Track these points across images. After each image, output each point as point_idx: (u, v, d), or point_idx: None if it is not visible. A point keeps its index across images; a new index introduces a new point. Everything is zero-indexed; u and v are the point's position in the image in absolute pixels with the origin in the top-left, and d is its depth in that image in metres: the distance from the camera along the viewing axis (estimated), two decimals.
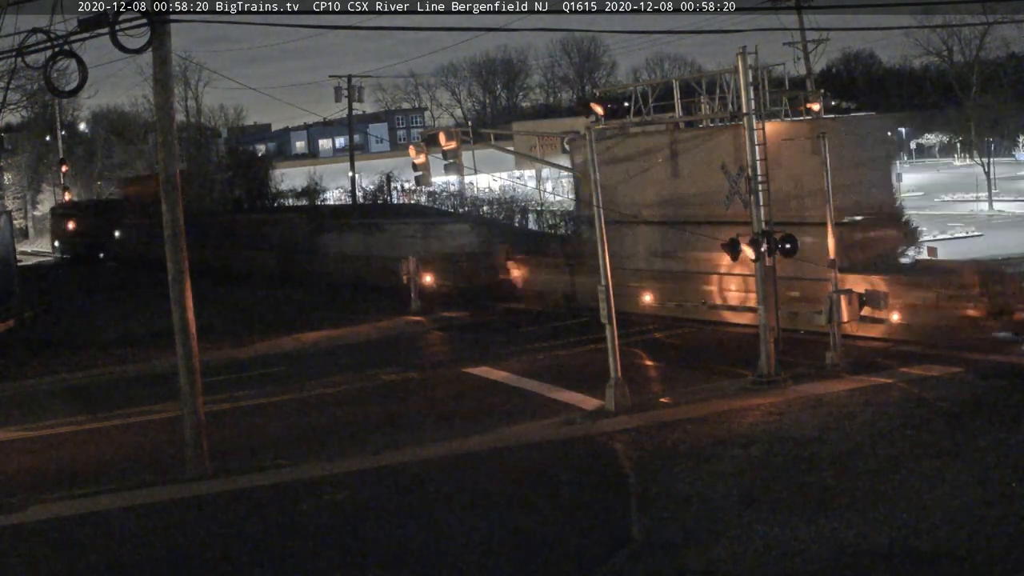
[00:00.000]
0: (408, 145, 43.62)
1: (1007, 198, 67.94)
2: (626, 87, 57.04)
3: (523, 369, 26.50)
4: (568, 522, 15.27)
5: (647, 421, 20.37)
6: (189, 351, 19.10)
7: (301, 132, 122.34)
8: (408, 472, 18.46)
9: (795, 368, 23.33)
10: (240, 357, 30.92)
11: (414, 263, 37.52)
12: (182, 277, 19.06)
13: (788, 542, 13.56)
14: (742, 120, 23.52)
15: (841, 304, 23.53)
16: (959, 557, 12.82)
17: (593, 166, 22.31)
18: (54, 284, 53.91)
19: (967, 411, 19.04)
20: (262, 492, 17.89)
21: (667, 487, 16.28)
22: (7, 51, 20.48)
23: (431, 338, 33.49)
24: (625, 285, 29.08)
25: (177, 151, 19.62)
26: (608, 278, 21.66)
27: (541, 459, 18.62)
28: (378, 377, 27.19)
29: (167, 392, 24.09)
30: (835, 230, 23.91)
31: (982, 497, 14.61)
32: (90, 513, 17.28)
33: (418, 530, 15.35)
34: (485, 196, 68.00)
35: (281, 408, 24.75)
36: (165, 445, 21.17)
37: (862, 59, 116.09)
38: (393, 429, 21.81)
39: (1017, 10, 66.85)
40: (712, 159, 26.85)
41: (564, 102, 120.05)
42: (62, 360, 31.30)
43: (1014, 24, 72.89)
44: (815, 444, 17.76)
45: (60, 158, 77.55)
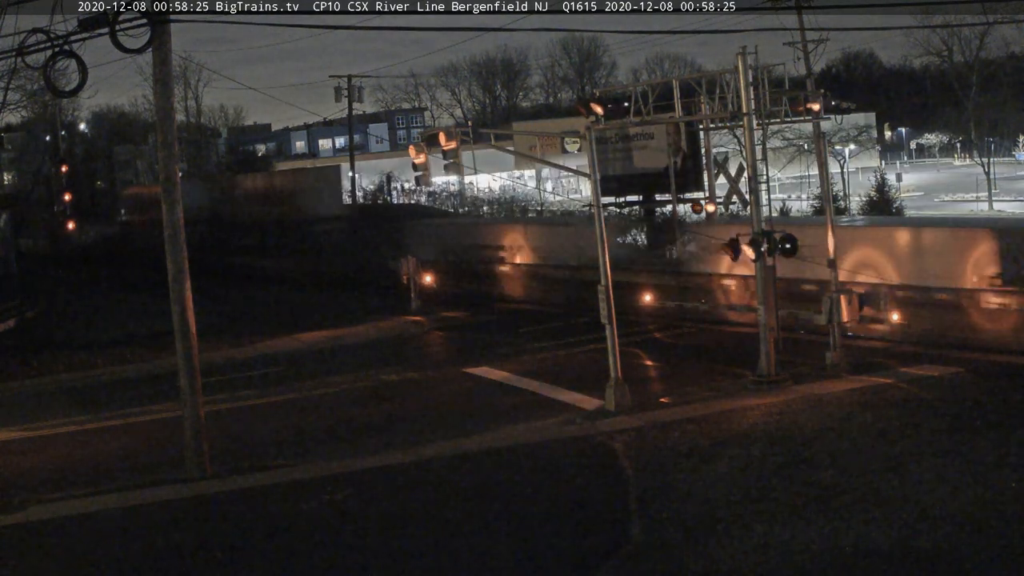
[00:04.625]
0: (408, 145, 43.52)
1: (1007, 198, 67.98)
2: (626, 87, 57.01)
3: (523, 369, 26.51)
4: (568, 522, 15.26)
5: (647, 421, 20.37)
6: (189, 351, 19.10)
7: (301, 132, 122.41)
8: (408, 472, 18.45)
9: (795, 368, 23.33)
10: (240, 357, 30.94)
11: (414, 263, 37.55)
12: (182, 277, 19.06)
13: (788, 542, 13.56)
14: (742, 120, 23.52)
15: (841, 304, 23.52)
16: (959, 557, 12.82)
17: (593, 166, 22.30)
18: (54, 284, 53.89)
19: (967, 411, 19.04)
20: (262, 492, 17.88)
21: (667, 487, 16.28)
22: (7, 51, 20.51)
23: (431, 338, 33.51)
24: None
25: (177, 151, 19.62)
26: (608, 278, 21.66)
27: (541, 459, 18.61)
28: (378, 377, 27.19)
29: (167, 392, 24.10)
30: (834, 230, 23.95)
31: (982, 497, 14.61)
32: (90, 513, 17.28)
33: (418, 530, 15.35)
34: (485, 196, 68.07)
35: (281, 408, 24.75)
36: (165, 445, 21.17)
37: (862, 59, 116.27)
38: (393, 429, 21.81)
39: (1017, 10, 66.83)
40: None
41: (564, 102, 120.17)
42: (62, 360, 31.31)
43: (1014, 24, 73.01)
44: (815, 444, 17.75)
45: (60, 158, 77.55)
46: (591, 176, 22.32)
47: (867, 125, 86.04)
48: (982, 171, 69.61)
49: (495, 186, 71.22)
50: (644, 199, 35.77)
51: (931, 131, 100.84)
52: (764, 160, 23.09)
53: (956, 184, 77.69)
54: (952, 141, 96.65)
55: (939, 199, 71.41)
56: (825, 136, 28.30)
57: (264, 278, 50.65)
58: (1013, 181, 76.07)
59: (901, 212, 52.46)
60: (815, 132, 28.49)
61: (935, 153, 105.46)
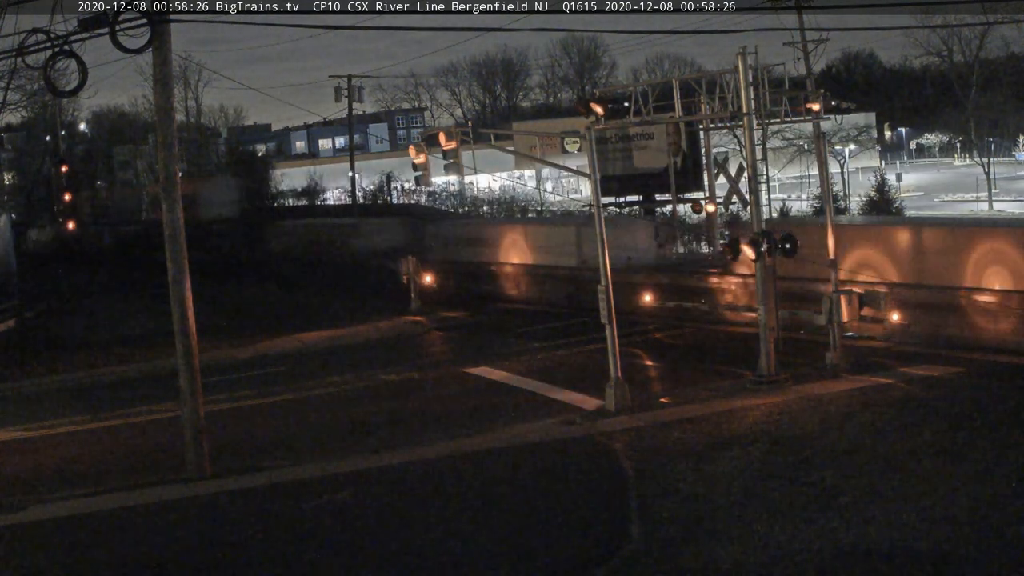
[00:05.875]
0: (408, 145, 43.55)
1: (1007, 198, 67.95)
2: (626, 87, 57.06)
3: (523, 369, 26.51)
4: (568, 522, 15.25)
5: (647, 421, 20.37)
6: (189, 351, 19.10)
7: (301, 132, 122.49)
8: (408, 472, 18.45)
9: (795, 368, 23.33)
10: (240, 357, 30.94)
11: (414, 263, 37.54)
12: (182, 277, 19.06)
13: (788, 542, 13.56)
14: (742, 120, 23.52)
15: (841, 304, 23.51)
16: (959, 557, 12.82)
17: (593, 166, 22.30)
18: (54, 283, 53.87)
19: (967, 411, 19.03)
20: (262, 492, 17.88)
21: (667, 487, 16.27)
22: (7, 51, 20.49)
23: (431, 338, 33.50)
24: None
25: (177, 151, 19.62)
26: (608, 278, 21.65)
27: (541, 459, 18.60)
28: (378, 377, 27.19)
29: (167, 392, 24.09)
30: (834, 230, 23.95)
31: (982, 497, 14.60)
32: (90, 513, 17.28)
33: (418, 530, 15.34)
34: (485, 196, 68.12)
35: (281, 408, 24.75)
36: (165, 445, 21.17)
37: (862, 59, 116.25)
38: (393, 429, 21.81)
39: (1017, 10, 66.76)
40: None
41: (564, 102, 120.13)
42: (62, 360, 31.31)
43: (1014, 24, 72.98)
44: (815, 444, 17.75)
45: (59, 158, 77.54)
46: (591, 176, 22.31)
47: (867, 125, 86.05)
48: (982, 171, 69.57)
49: (495, 186, 71.25)
50: (644, 199, 35.83)
51: (931, 131, 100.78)
52: (764, 160, 23.10)
53: (956, 184, 77.65)
54: (952, 141, 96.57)
55: (939, 199, 71.37)
56: (825, 136, 28.27)
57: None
58: (1013, 181, 76.03)
59: (901, 212, 52.42)
60: (815, 132, 28.47)
61: (935, 153, 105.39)
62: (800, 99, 25.40)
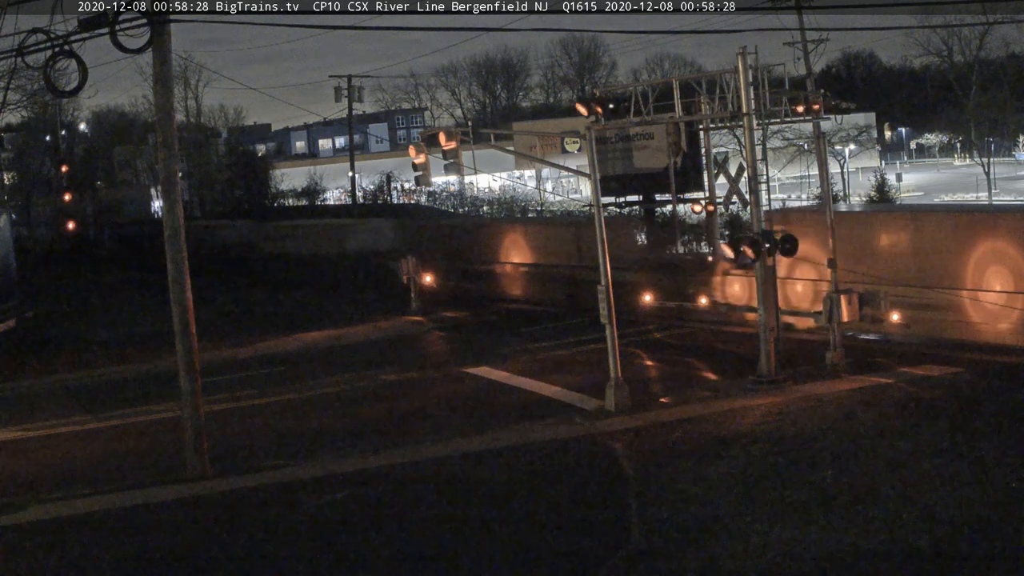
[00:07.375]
0: (408, 145, 43.58)
1: (1007, 198, 67.95)
2: (626, 87, 57.02)
3: (523, 369, 26.50)
4: (568, 522, 15.25)
5: (647, 421, 20.36)
6: (189, 351, 19.10)
7: (301, 132, 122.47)
8: (408, 472, 18.45)
9: (795, 368, 23.32)
10: (240, 357, 30.94)
11: (414, 263, 37.55)
12: (182, 277, 19.05)
13: (788, 542, 13.55)
14: (742, 120, 23.52)
15: (841, 304, 23.51)
16: (959, 557, 12.82)
17: (593, 166, 22.30)
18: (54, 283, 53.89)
19: (967, 411, 19.03)
20: (262, 492, 17.89)
21: (667, 487, 16.27)
22: (7, 51, 20.47)
23: (431, 338, 33.50)
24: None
25: (177, 151, 19.62)
26: (608, 278, 21.65)
27: (541, 459, 18.61)
28: (378, 377, 27.19)
29: (167, 392, 24.10)
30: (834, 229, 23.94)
31: (982, 497, 14.60)
32: (90, 513, 17.28)
33: (418, 530, 15.35)
34: (485, 196, 68.15)
35: (281, 408, 24.75)
36: (165, 445, 21.16)
37: (862, 59, 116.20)
38: (393, 429, 21.81)
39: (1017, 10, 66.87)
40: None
41: (564, 102, 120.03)
42: (62, 360, 31.31)
43: (1014, 24, 72.95)
44: (815, 444, 17.74)
45: (59, 158, 77.55)
46: (591, 176, 22.31)
47: (867, 125, 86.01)
48: (982, 171, 69.59)
49: (495, 186, 71.28)
50: (644, 199, 35.84)
51: (931, 131, 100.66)
52: (764, 160, 23.13)
53: (956, 184, 77.68)
54: (952, 141, 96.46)
55: (939, 199, 71.39)
56: (825, 136, 28.27)
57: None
58: (1013, 181, 76.05)
59: None
60: (815, 132, 28.51)
61: (935, 153, 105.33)
62: (800, 99, 25.39)
